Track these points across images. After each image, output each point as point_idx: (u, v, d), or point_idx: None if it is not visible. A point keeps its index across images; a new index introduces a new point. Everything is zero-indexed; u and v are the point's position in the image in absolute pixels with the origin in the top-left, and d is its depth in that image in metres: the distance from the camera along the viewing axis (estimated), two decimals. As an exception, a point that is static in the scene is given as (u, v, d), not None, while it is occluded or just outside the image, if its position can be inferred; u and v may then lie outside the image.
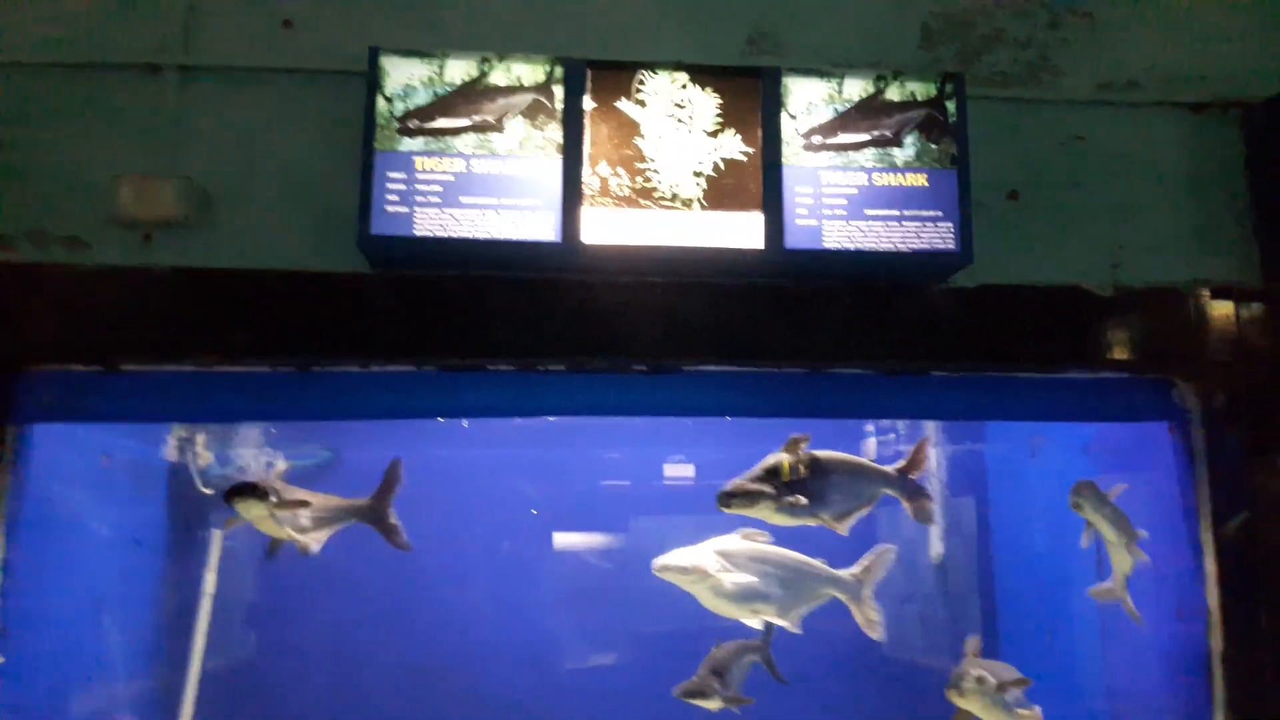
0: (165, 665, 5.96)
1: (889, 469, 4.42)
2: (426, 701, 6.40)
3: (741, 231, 3.77)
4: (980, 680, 4.29)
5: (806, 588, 4.50)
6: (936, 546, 6.77)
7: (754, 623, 4.36)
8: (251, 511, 4.38)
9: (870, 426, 6.90)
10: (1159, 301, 4.33)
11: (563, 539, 6.77)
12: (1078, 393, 4.44)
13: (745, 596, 4.26)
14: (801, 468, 4.06)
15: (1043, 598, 6.14)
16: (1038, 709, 4.56)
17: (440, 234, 3.60)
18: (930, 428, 6.48)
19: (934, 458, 6.92)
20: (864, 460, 4.32)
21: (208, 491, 6.30)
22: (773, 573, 4.41)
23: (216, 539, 6.17)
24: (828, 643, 4.99)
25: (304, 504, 4.48)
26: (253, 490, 4.30)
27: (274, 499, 4.37)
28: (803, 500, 4.01)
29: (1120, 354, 4.27)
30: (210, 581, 6.13)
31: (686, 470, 6.82)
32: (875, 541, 4.77)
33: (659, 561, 4.18)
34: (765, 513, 4.00)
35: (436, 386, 4.04)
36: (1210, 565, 4.29)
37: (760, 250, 3.76)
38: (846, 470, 4.25)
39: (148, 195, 3.71)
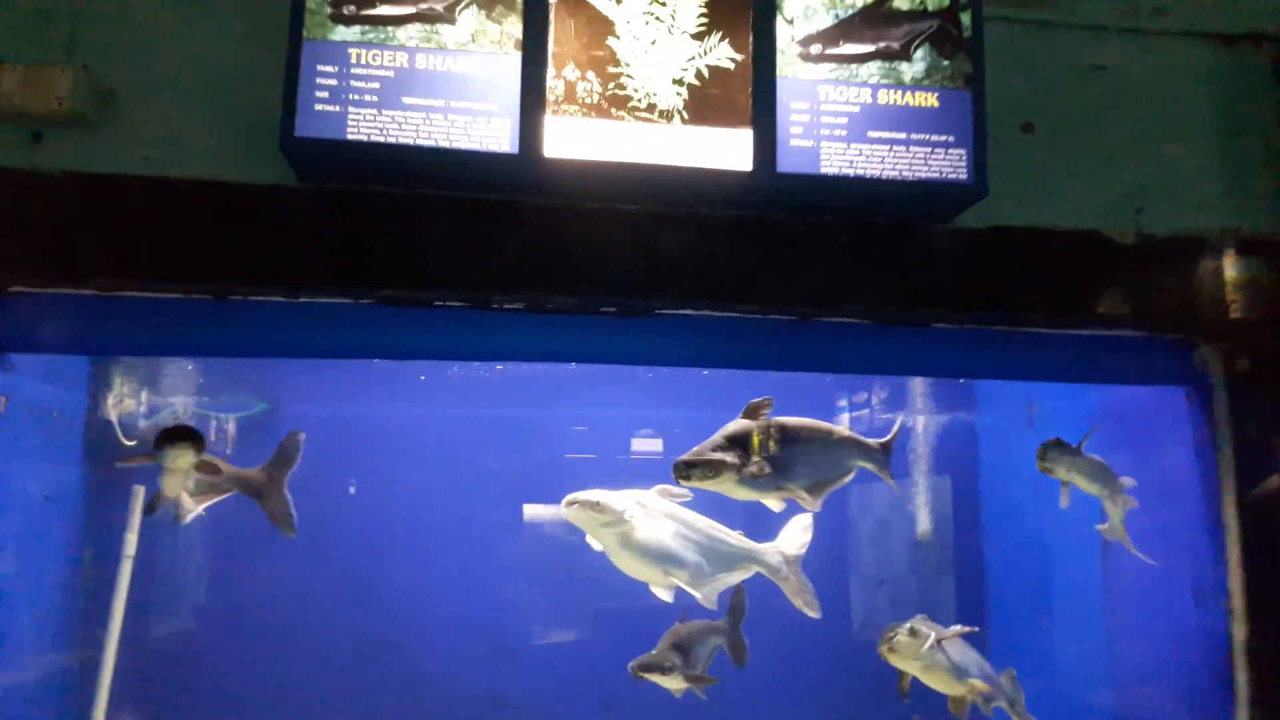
0: (79, 637, 5.45)
1: (872, 441, 3.97)
2: (371, 676, 5.94)
3: (727, 150, 3.29)
4: (913, 633, 3.87)
5: (724, 558, 4.07)
6: (923, 524, 6.36)
7: (663, 593, 3.88)
8: (179, 461, 3.85)
9: (843, 401, 6.50)
10: (1183, 252, 3.91)
11: (525, 509, 6.30)
12: (1090, 352, 4.02)
13: (656, 554, 3.81)
14: (770, 437, 3.60)
15: (1039, 581, 5.75)
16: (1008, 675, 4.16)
17: (377, 138, 3.09)
18: (917, 393, 6.07)
19: (919, 429, 6.53)
20: (840, 429, 3.86)
21: (129, 443, 5.78)
22: (690, 536, 3.98)
23: (139, 496, 5.65)
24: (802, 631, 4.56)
25: (218, 470, 3.97)
26: (190, 437, 3.78)
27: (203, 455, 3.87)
28: (769, 470, 3.54)
29: (1139, 310, 3.86)
30: (131, 543, 5.62)
31: (655, 445, 6.38)
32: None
33: (569, 497, 3.72)
34: (728, 486, 3.52)
35: (374, 323, 3.54)
36: (1233, 546, 3.88)
37: (748, 173, 3.29)
38: (820, 439, 3.78)
39: (37, 86, 3.17)
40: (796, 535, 4.18)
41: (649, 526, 3.78)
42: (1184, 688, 4.15)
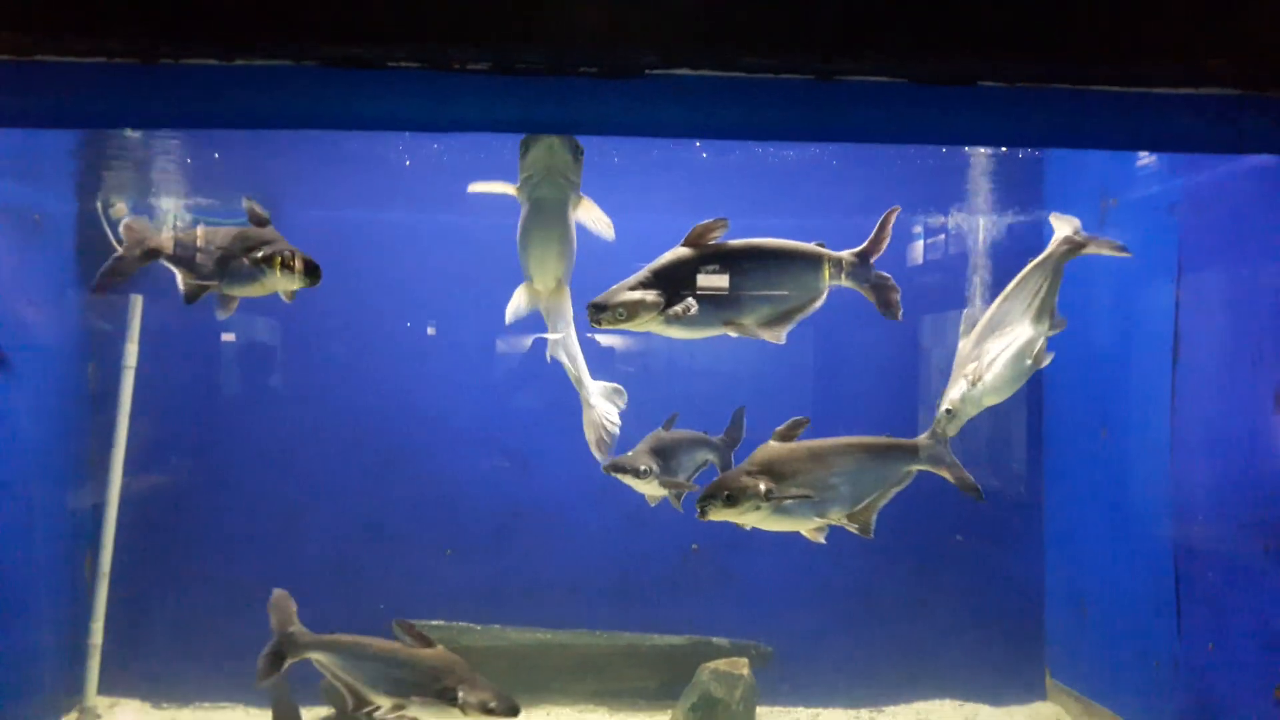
0: (79, 449, 5.35)
1: (843, 254, 3.43)
2: (391, 488, 5.78)
3: None
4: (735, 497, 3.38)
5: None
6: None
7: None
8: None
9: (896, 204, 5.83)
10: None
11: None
12: (1169, 113, 3.37)
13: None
14: (707, 267, 3.08)
15: (1103, 387, 5.23)
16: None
17: None
18: (978, 190, 5.44)
19: (980, 230, 5.92)
20: (802, 245, 3.31)
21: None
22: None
23: (137, 305, 5.43)
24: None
25: None
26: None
27: None
28: (694, 307, 3.05)
29: (1231, 58, 3.18)
30: (131, 354, 5.43)
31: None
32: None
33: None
34: (655, 326, 3.05)
35: (320, 88, 3.08)
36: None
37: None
38: (775, 258, 3.27)
39: None
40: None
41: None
42: (1255, 500, 3.69)
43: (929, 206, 5.76)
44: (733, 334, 3.18)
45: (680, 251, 3.09)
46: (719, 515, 3.16)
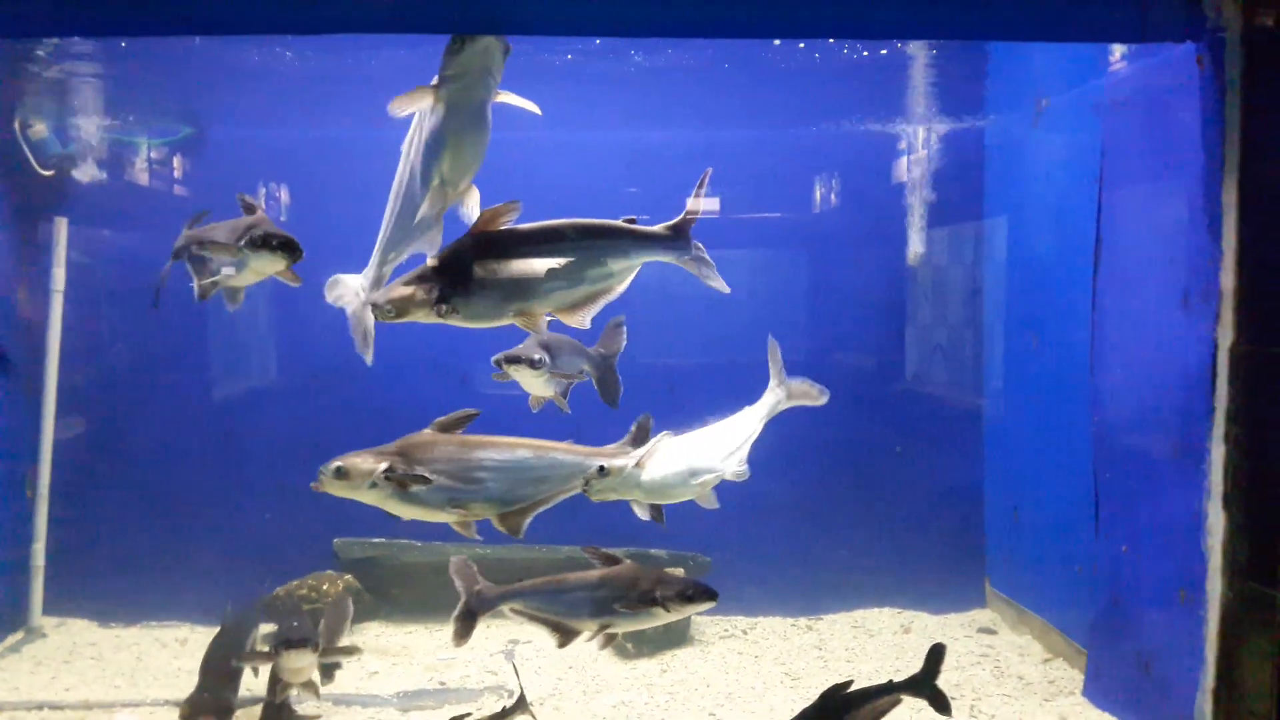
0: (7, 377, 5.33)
1: (657, 228, 3.17)
2: (325, 397, 5.70)
3: None
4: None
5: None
6: (915, 246, 5.75)
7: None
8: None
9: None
10: None
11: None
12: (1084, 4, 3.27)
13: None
14: (485, 254, 2.95)
15: (1032, 298, 5.18)
16: None
17: None
18: (918, 101, 5.31)
19: (927, 140, 5.80)
20: (604, 223, 3.11)
21: (46, 174, 5.43)
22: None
23: (61, 227, 5.34)
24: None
25: None
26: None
27: None
28: (456, 308, 2.92)
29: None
30: (59, 278, 5.37)
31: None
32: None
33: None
34: (429, 319, 2.94)
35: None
36: (1230, 237, 3.25)
37: None
38: (570, 240, 3.06)
39: None
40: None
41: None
42: (1164, 403, 3.66)
43: (871, 113, 5.64)
44: (521, 325, 3.06)
45: (465, 240, 2.97)
46: (332, 488, 3.04)
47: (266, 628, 4.81)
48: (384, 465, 3.07)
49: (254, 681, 4.11)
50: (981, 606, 5.80)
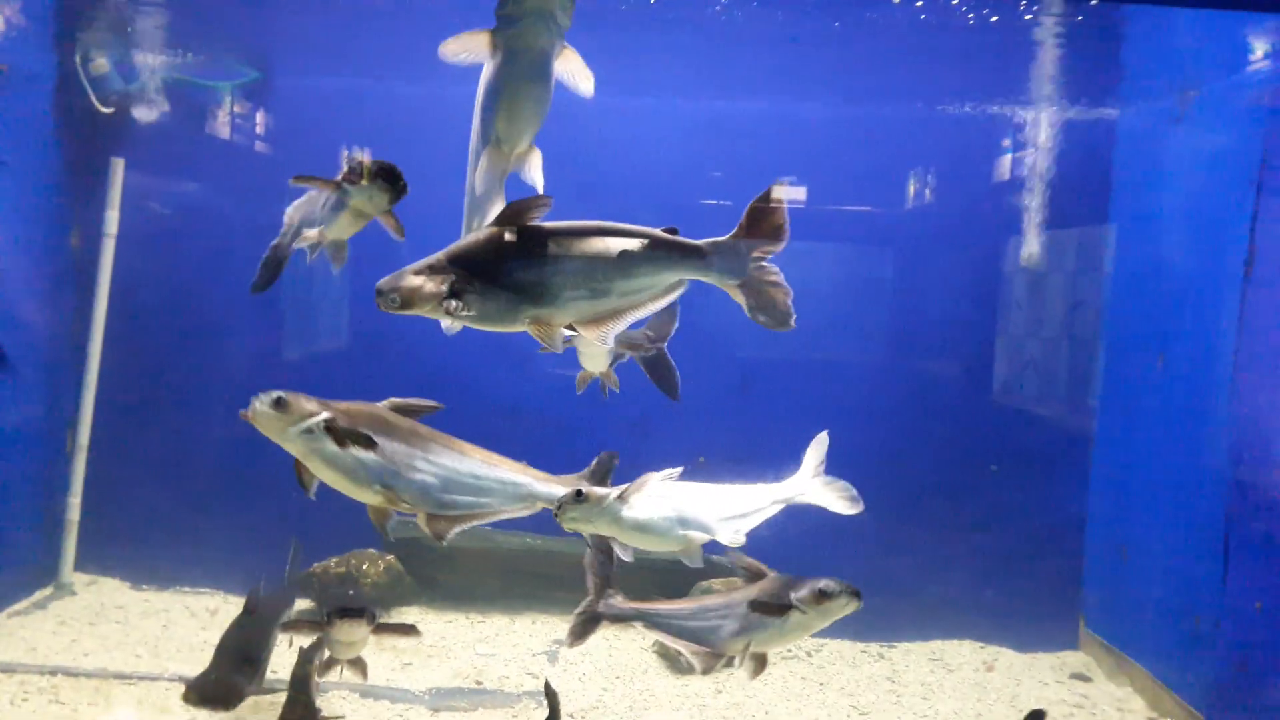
0: (60, 318, 5.12)
1: (701, 242, 2.61)
2: (378, 367, 5.44)
3: None
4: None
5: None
6: (1031, 246, 5.22)
7: None
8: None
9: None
10: None
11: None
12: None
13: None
14: (509, 252, 2.53)
15: (1164, 310, 4.60)
16: None
17: None
18: (1044, 83, 4.78)
19: (1044, 133, 5.25)
20: (641, 229, 2.60)
21: (106, 111, 5.19)
22: None
23: (118, 169, 5.10)
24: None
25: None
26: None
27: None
28: (469, 309, 2.49)
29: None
30: (113, 221, 5.13)
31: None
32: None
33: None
34: (435, 314, 2.53)
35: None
36: None
37: None
38: (601, 246, 2.60)
39: None
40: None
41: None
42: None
43: (987, 96, 5.11)
44: (534, 334, 2.64)
45: (487, 232, 2.57)
46: (260, 420, 2.74)
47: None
48: (327, 414, 2.77)
49: (277, 664, 3.80)
50: (1074, 648, 5.28)
